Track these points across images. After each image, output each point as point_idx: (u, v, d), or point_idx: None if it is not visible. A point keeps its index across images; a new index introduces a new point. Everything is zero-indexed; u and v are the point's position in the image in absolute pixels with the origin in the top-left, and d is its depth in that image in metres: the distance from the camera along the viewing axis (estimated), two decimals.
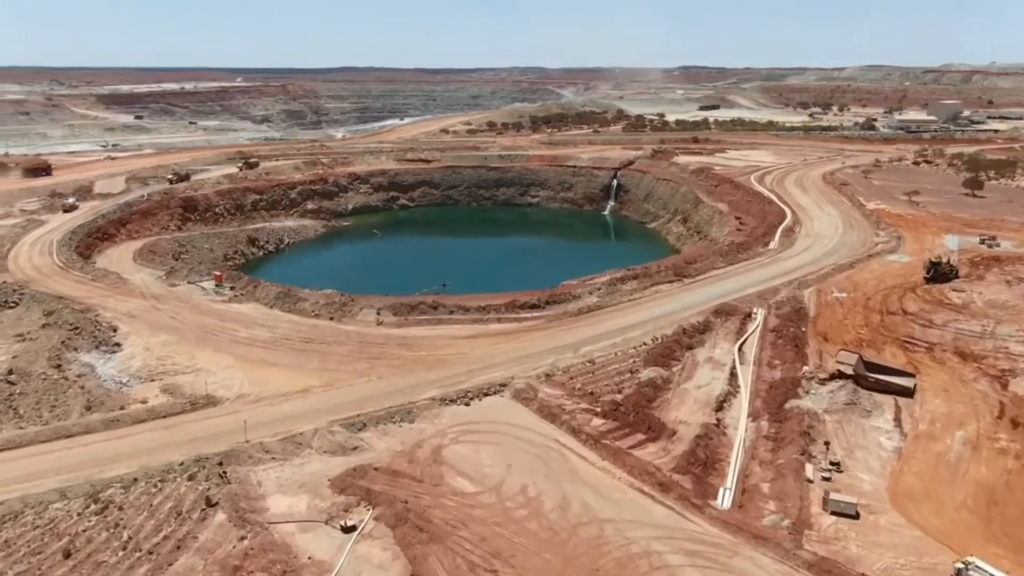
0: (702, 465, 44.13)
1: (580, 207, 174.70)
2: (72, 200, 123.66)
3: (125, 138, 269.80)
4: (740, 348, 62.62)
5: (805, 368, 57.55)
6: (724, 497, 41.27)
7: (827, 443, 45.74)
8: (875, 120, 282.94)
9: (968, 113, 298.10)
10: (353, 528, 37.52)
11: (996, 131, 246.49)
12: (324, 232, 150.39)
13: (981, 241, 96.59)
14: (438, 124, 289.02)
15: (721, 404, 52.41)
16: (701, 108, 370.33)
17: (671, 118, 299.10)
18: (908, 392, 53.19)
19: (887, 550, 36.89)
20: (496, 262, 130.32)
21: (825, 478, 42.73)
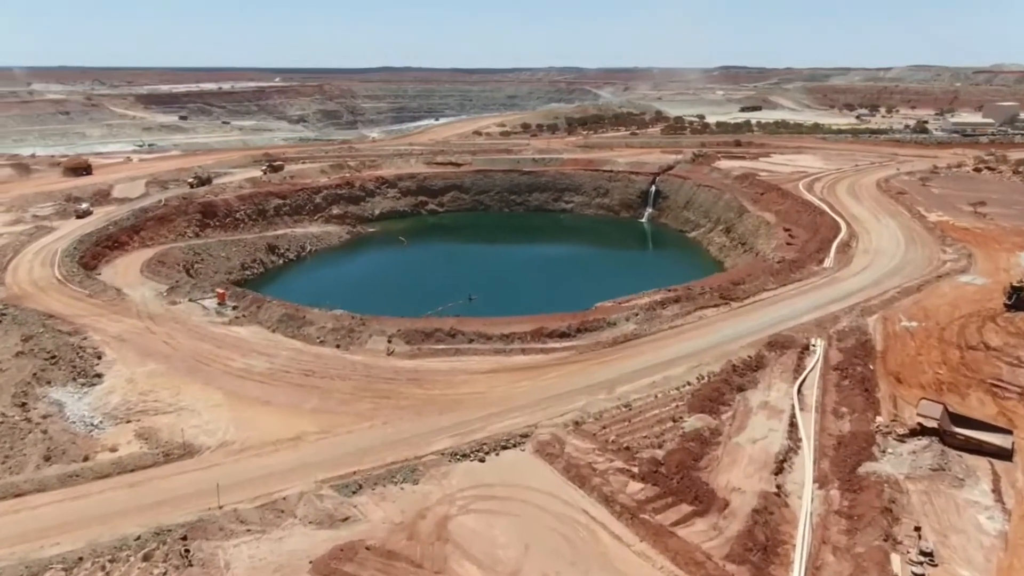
0: (761, 551, 36.27)
1: (616, 214, 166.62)
2: (86, 205, 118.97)
3: (161, 138, 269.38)
4: (799, 390, 54.49)
5: (879, 419, 49.21)
6: None
7: (917, 528, 37.46)
8: (927, 123, 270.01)
9: None
10: None
11: None
12: (348, 239, 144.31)
13: None
14: (472, 125, 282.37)
15: (781, 464, 44.39)
16: (742, 109, 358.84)
17: (711, 120, 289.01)
18: (1006, 454, 44.69)
19: None
20: (526, 273, 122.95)
21: (917, 574, 34.65)
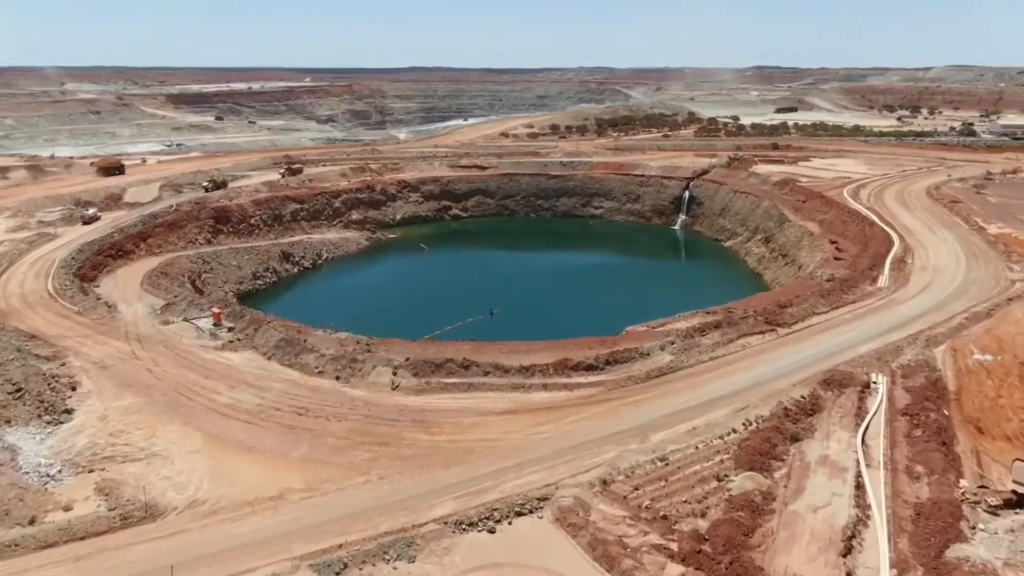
0: None
1: (647, 220, 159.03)
2: (93, 211, 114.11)
3: (190, 138, 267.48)
4: (863, 440, 46.99)
5: (963, 483, 41.67)
6: None
7: None
8: (972, 125, 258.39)
9: None
10: None
11: None
12: (367, 245, 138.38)
13: None
14: (500, 126, 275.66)
15: (849, 542, 37.00)
16: (778, 110, 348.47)
17: (746, 121, 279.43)
18: None
19: None
20: (552, 284, 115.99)
21: None
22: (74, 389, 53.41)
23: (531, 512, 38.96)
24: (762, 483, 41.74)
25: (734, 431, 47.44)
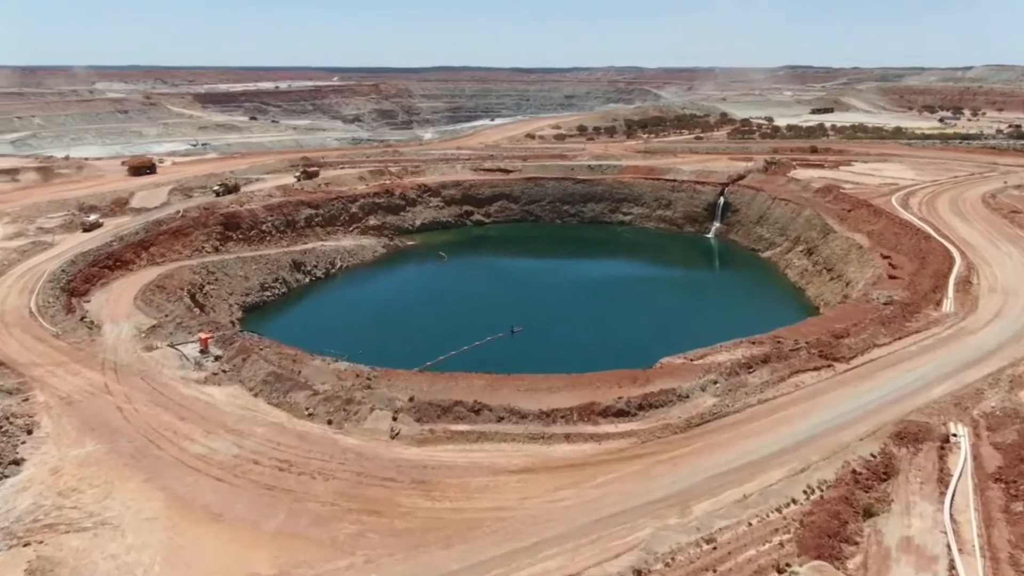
0: None
1: (679, 228, 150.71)
2: (95, 217, 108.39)
3: (216, 137, 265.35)
4: (951, 515, 38.97)
5: None
6: None
7: None
8: (1021, 127, 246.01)
9: None
10: None
11: None
12: (384, 253, 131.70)
13: None
14: (526, 127, 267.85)
15: None
16: (813, 111, 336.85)
17: (781, 123, 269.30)
18: None
19: None
20: (577, 298, 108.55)
21: None
22: (30, 432, 46.83)
23: None
24: None
25: (793, 501, 39.57)
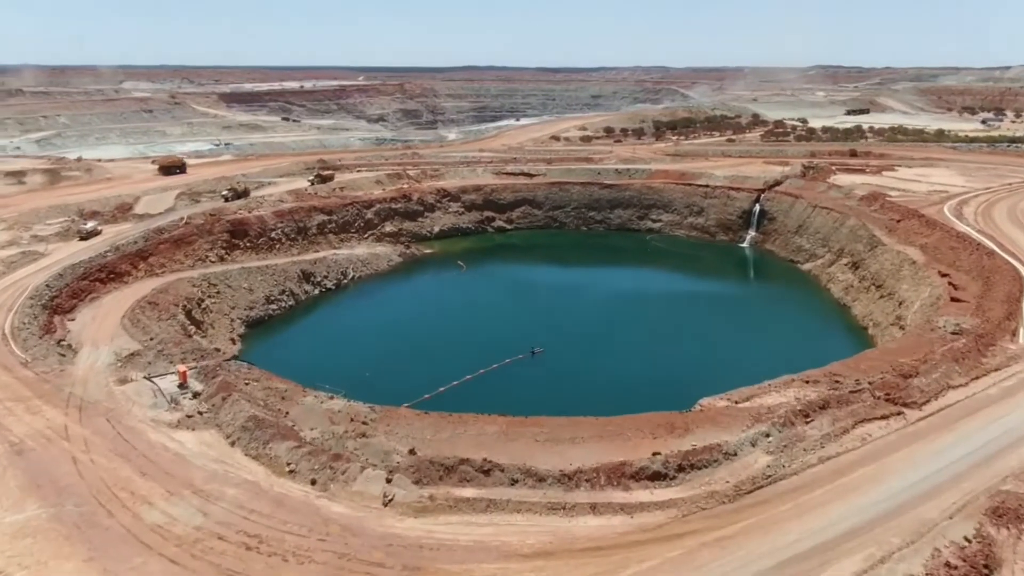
0: None
1: (712, 236, 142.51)
2: (92, 224, 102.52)
3: (239, 137, 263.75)
4: None
5: None
6: None
7: None
8: None
9: None
10: None
11: None
12: (399, 262, 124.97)
13: None
14: (551, 128, 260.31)
15: None
16: (848, 112, 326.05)
17: (816, 124, 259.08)
18: None
19: None
20: (604, 313, 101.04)
21: None
22: None
23: None
24: None
25: None
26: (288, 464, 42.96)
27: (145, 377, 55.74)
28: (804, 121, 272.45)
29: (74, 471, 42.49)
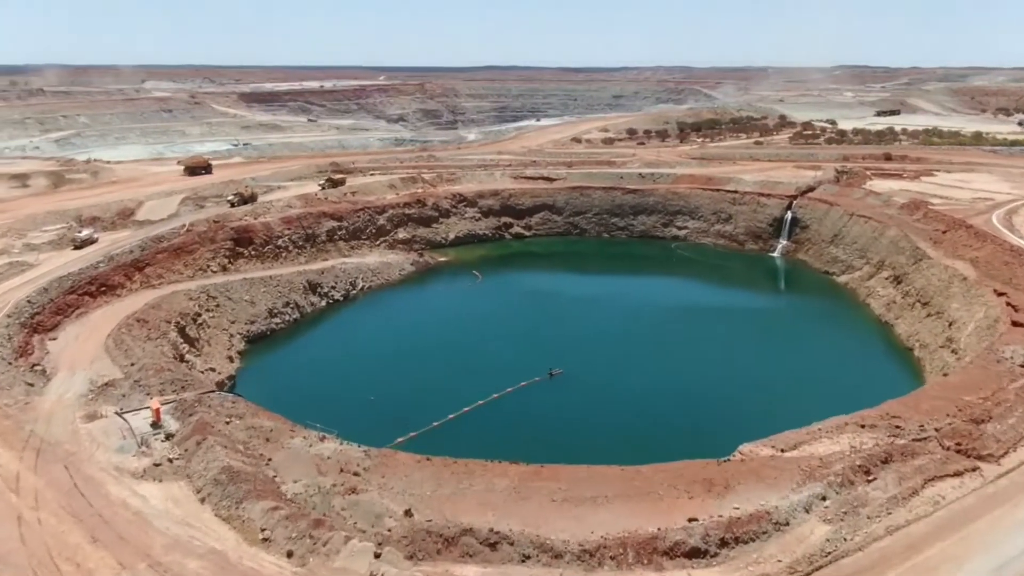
0: None
1: (741, 245, 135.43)
2: (87, 232, 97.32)
3: (258, 137, 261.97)
4: None
5: None
6: None
7: None
8: None
9: None
10: None
11: None
12: (412, 271, 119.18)
13: None
14: (572, 129, 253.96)
15: None
16: (878, 114, 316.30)
17: (846, 126, 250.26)
18: None
19: None
20: (628, 329, 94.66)
21: None
22: None
23: None
24: None
25: None
26: (263, 530, 36.80)
27: (117, 412, 50.02)
28: (833, 122, 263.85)
29: (16, 534, 36.66)
